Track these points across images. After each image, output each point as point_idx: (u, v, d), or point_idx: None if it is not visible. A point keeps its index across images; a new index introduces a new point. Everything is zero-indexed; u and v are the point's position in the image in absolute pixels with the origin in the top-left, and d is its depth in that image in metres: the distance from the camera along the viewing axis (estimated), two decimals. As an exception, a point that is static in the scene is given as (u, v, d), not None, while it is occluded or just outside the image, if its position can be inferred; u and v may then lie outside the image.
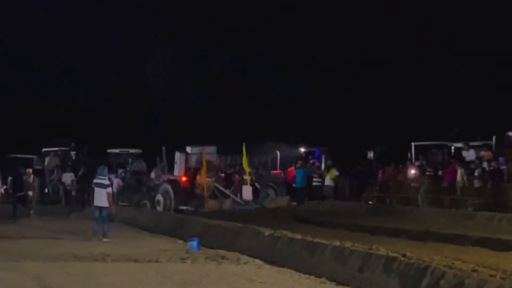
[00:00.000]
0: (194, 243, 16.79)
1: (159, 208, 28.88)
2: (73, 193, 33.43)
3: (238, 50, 45.96)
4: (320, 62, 48.67)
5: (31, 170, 30.84)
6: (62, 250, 16.51)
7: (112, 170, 30.40)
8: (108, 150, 36.46)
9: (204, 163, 28.68)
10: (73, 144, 36.63)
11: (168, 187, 29.13)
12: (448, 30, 44.01)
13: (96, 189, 19.89)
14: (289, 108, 45.66)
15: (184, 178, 29.40)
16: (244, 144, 30.13)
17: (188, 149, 30.16)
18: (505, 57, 39.67)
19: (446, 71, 43.17)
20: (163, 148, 31.12)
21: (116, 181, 30.39)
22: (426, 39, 45.36)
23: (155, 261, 14.57)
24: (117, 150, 36.61)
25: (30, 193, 28.36)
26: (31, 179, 28.75)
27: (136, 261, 14.59)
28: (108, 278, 12.31)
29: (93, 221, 19.92)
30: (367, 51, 46.29)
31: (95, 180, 20.16)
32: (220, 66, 48.01)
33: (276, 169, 35.45)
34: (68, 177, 33.91)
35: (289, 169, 34.95)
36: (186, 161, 29.94)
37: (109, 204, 19.71)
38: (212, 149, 30.51)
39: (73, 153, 36.81)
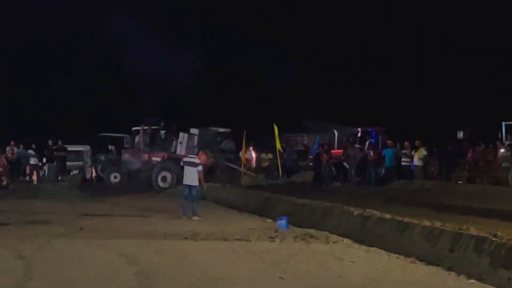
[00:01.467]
0: (283, 221, 16.77)
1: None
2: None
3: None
4: (386, 39, 48.22)
5: (113, 148, 31.70)
6: (152, 228, 16.69)
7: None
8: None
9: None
10: (162, 123, 37.09)
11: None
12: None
13: (186, 167, 20.02)
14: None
15: None
16: (275, 125, 30.93)
17: (192, 130, 31.68)
18: None
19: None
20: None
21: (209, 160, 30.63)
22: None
23: (244, 240, 14.58)
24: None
25: None
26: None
27: (225, 239, 14.64)
28: (198, 256, 12.37)
29: (182, 199, 20.09)
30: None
31: (185, 159, 20.32)
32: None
33: (334, 149, 35.56)
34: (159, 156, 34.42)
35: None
36: (190, 141, 31.32)
37: (200, 182, 19.87)
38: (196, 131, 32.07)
39: (162, 132, 37.27)
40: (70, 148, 35.25)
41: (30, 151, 34.71)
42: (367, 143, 34.92)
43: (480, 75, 43.34)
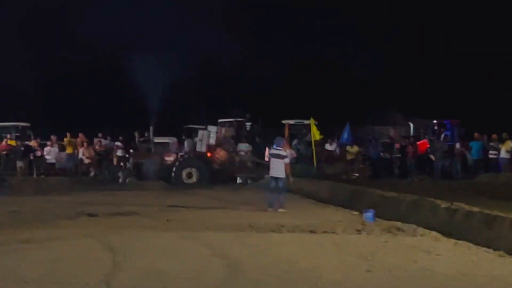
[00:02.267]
0: (370, 214, 16.66)
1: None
2: (248, 164, 33.99)
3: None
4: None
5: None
6: (238, 220, 16.75)
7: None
8: (283, 121, 36.83)
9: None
10: (248, 115, 37.23)
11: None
12: None
13: (272, 159, 20.03)
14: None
15: (208, 154, 31.46)
16: (311, 117, 31.49)
17: (210, 127, 32.31)
18: None
19: None
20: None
21: (290, 152, 30.64)
22: None
23: (331, 232, 14.53)
24: (292, 121, 36.90)
25: None
26: None
27: (311, 232, 14.60)
28: (284, 249, 12.37)
29: (268, 191, 20.12)
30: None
31: (272, 151, 20.33)
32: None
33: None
34: (243, 148, 34.52)
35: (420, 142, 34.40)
36: (208, 138, 31.86)
37: (287, 174, 19.87)
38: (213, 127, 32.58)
39: (248, 124, 37.42)
40: (157, 140, 35.64)
41: (117, 143, 35.26)
42: (442, 135, 34.52)
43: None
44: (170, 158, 32.12)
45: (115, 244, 12.53)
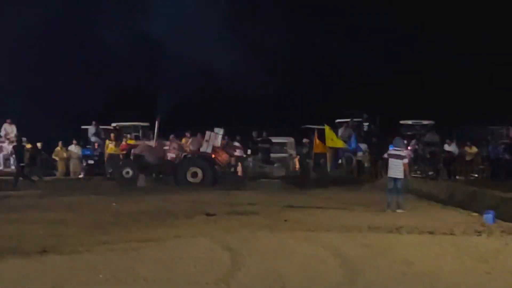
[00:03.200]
0: (490, 215, 16.27)
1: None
2: (366, 164, 33.76)
3: None
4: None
5: (307, 140, 32.13)
6: (356, 221, 16.65)
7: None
8: (401, 122, 36.44)
9: None
10: (365, 115, 36.99)
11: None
12: None
13: (391, 160, 19.85)
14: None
15: (213, 155, 31.19)
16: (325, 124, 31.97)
17: (216, 129, 31.79)
18: None
19: None
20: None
21: (407, 152, 30.31)
22: None
23: (450, 234, 14.28)
24: (409, 122, 36.47)
25: None
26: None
27: (430, 233, 14.38)
28: (402, 250, 12.22)
29: (386, 192, 19.93)
30: None
31: (391, 151, 20.14)
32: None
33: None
34: (362, 148, 34.32)
35: None
36: (214, 140, 31.42)
37: (405, 175, 19.68)
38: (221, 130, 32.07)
39: (365, 124, 37.18)
40: (275, 140, 35.81)
41: (235, 143, 35.59)
42: None
43: None
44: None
45: (233, 244, 12.65)
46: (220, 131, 32.02)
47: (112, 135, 34.72)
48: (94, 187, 28.43)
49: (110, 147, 33.61)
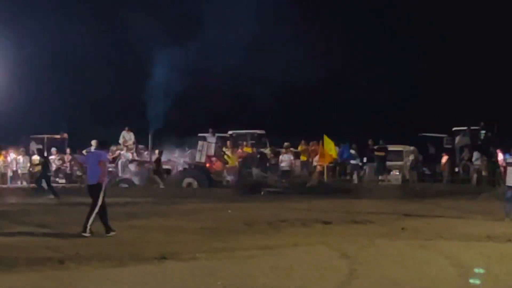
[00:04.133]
0: None
1: None
2: (483, 173, 33.07)
3: None
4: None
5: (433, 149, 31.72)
6: (474, 230, 16.34)
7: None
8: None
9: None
10: (482, 123, 36.25)
11: None
12: None
13: (509, 168, 19.42)
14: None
15: (207, 164, 31.54)
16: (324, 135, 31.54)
17: (209, 138, 32.59)
18: None
19: None
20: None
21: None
22: None
23: None
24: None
25: None
26: None
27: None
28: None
29: (505, 201, 19.49)
30: None
31: (509, 160, 19.74)
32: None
33: None
34: (477, 156, 33.63)
35: None
36: (208, 149, 31.84)
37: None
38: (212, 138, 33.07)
39: (482, 132, 36.42)
40: (391, 148, 35.48)
41: (352, 151, 35.47)
42: None
43: None
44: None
45: (350, 252, 12.63)
46: (212, 140, 32.29)
47: (228, 142, 35.15)
48: (209, 194, 28.81)
49: (227, 154, 34.00)
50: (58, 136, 37.37)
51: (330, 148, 32.40)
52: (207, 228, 16.90)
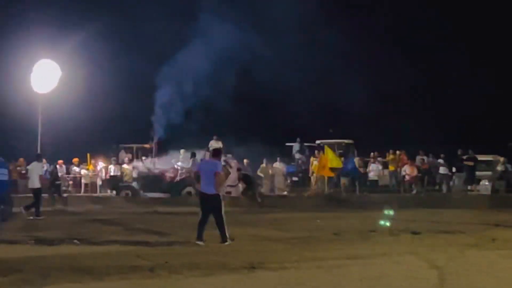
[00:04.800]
0: None
1: None
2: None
3: None
4: None
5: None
6: None
7: None
8: None
9: None
10: None
11: None
12: None
13: None
14: None
15: None
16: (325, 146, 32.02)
17: (210, 148, 31.50)
18: None
19: None
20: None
21: None
22: None
23: None
24: None
25: None
26: None
27: None
28: None
29: None
30: None
31: None
32: None
33: None
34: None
35: None
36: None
37: None
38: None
39: None
40: (480, 157, 34.94)
41: (440, 160, 35.13)
42: None
43: None
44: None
45: (439, 262, 12.52)
46: (218, 145, 32.50)
47: (316, 152, 35.20)
48: (297, 203, 28.89)
49: (315, 164, 34.05)
50: (147, 146, 38.02)
51: (332, 159, 32.26)
52: (295, 238, 16.99)
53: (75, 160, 35.75)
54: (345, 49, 43.09)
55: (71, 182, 36.34)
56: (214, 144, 35.68)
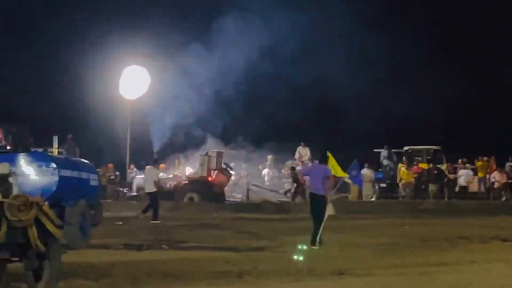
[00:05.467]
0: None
1: None
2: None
3: None
4: None
5: None
6: None
7: None
8: None
9: None
10: None
11: None
12: None
13: None
14: None
15: (209, 178, 31.46)
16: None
17: (210, 152, 32.31)
18: None
19: None
20: None
21: None
22: None
23: None
24: None
25: None
26: None
27: None
28: None
29: None
30: None
31: None
32: None
33: None
34: None
35: None
36: (209, 163, 31.57)
37: None
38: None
39: None
40: None
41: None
42: None
43: None
44: None
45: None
46: (213, 154, 32.10)
47: (404, 158, 34.99)
48: (386, 210, 28.76)
49: (403, 170, 33.85)
50: (234, 152, 38.30)
51: (333, 165, 31.68)
52: (382, 244, 16.99)
53: (163, 166, 36.30)
54: (429, 54, 42.90)
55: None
56: (302, 150, 35.79)
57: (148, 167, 26.19)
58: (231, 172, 33.60)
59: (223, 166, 32.80)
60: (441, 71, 43.52)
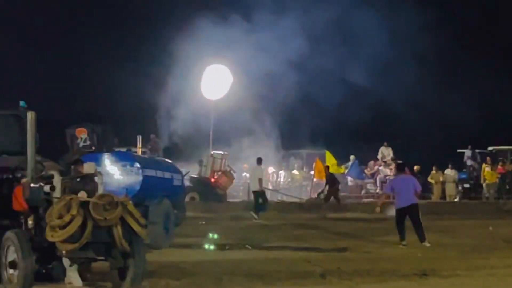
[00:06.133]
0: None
1: None
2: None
3: None
4: None
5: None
6: None
7: None
8: None
9: None
10: None
11: None
12: None
13: None
14: None
15: (213, 179, 31.06)
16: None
17: (215, 153, 32.03)
18: None
19: None
20: None
21: None
22: None
23: None
24: None
25: None
26: None
27: None
28: None
29: None
30: None
31: None
32: None
33: None
34: None
35: None
36: (213, 164, 31.27)
37: None
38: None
39: None
40: None
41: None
42: None
43: None
44: None
45: None
46: (218, 155, 31.88)
47: (488, 158, 34.46)
48: (470, 211, 28.34)
49: (487, 171, 33.34)
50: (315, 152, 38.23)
51: (334, 164, 31.30)
52: (467, 245, 16.79)
53: (245, 166, 36.46)
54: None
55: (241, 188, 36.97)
56: (384, 150, 35.57)
57: (254, 166, 27.14)
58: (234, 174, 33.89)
59: (227, 168, 33.04)
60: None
